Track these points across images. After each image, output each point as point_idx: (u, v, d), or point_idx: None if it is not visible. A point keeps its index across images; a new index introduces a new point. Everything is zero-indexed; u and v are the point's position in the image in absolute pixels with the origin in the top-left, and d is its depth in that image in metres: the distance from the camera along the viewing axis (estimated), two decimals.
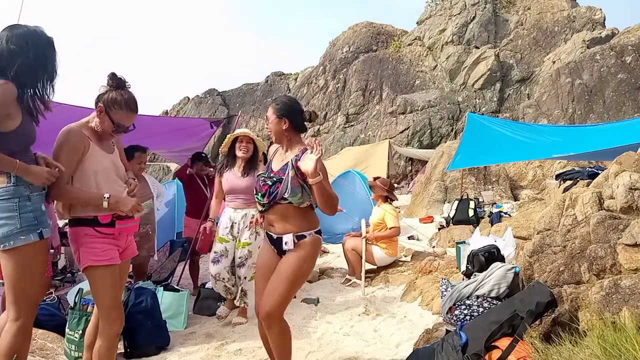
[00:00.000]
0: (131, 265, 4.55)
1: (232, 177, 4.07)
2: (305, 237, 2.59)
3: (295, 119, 2.66)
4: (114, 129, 2.51)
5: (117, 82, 2.50)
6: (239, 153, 4.02)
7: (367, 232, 5.49)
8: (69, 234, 2.48)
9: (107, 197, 2.39)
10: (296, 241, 2.58)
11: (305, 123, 2.72)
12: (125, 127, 2.54)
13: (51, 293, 3.83)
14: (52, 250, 4.98)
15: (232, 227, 4.09)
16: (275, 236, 2.65)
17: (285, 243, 2.59)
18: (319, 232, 2.66)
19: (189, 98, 27.42)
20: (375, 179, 5.81)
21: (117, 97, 2.47)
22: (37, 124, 2.36)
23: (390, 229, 5.47)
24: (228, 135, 4.16)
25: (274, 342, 2.61)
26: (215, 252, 4.12)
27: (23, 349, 2.30)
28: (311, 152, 2.46)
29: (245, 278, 4.11)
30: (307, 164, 2.45)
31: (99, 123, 2.48)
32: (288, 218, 2.59)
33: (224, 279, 4.15)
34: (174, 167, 18.69)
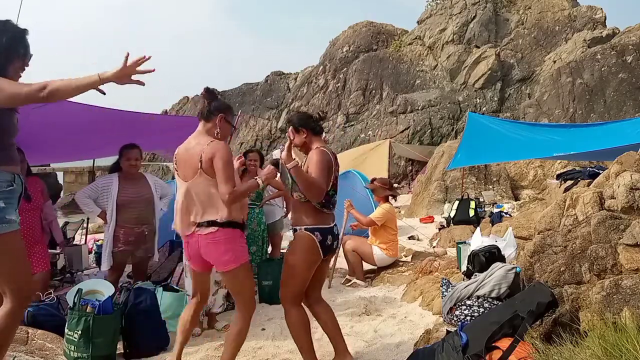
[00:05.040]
0: (130, 265, 4.57)
1: None
2: (296, 230, 2.87)
3: (309, 125, 2.96)
4: (233, 131, 2.91)
5: (211, 95, 2.86)
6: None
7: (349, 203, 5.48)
8: (218, 235, 2.67)
9: (259, 179, 2.80)
10: (293, 233, 2.91)
11: (319, 123, 3.01)
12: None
13: (50, 293, 3.81)
14: (55, 250, 4.99)
15: None
16: None
17: None
18: (312, 230, 2.81)
19: (188, 98, 27.41)
20: (372, 180, 5.78)
21: (227, 104, 2.91)
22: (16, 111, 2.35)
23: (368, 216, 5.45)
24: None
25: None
26: None
27: (11, 329, 2.42)
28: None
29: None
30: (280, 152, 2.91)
31: (222, 130, 2.82)
32: (295, 211, 2.93)
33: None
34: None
